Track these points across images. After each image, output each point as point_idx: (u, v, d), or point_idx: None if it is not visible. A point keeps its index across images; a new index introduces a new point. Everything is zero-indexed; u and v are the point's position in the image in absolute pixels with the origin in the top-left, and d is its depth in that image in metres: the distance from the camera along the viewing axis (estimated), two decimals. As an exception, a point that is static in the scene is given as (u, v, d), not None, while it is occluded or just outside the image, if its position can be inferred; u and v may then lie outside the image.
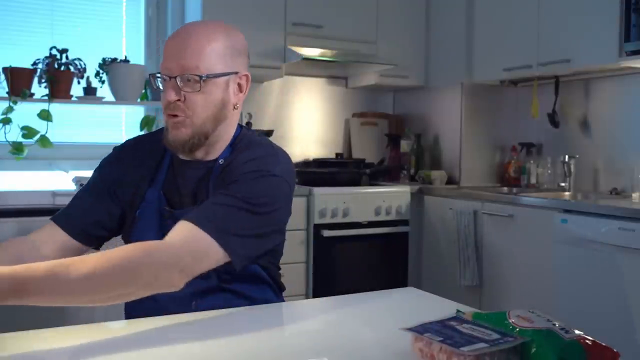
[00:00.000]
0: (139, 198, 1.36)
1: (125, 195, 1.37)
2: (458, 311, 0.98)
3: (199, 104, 1.27)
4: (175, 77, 1.26)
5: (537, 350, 0.84)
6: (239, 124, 1.42)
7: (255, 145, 1.37)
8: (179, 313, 1.17)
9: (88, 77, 3.06)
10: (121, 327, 1.13)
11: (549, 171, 3.41)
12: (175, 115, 1.28)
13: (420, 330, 0.90)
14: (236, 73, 1.32)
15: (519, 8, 3.21)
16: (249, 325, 1.14)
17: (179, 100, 1.26)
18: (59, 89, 2.93)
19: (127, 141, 1.49)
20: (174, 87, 1.26)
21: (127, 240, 1.37)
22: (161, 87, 1.30)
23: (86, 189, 1.41)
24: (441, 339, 0.86)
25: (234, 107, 1.34)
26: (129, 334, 1.10)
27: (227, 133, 1.36)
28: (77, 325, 1.11)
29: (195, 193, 1.34)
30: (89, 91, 3.07)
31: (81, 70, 3.01)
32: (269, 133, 3.47)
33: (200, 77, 1.25)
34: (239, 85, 1.34)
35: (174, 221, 1.19)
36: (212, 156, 1.36)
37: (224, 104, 1.31)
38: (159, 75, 1.29)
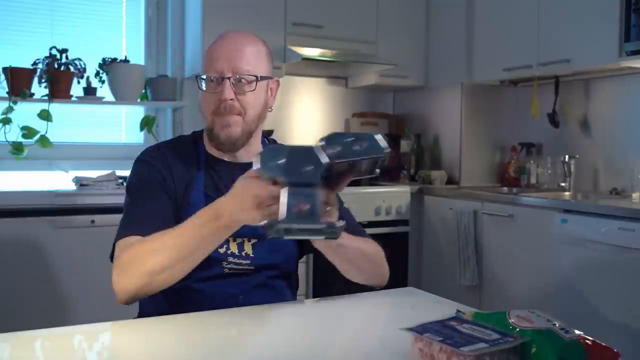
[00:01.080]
0: (185, 202, 1.35)
1: (171, 198, 1.35)
2: (458, 311, 0.98)
3: (251, 103, 1.35)
4: (229, 78, 1.32)
5: (537, 351, 0.84)
6: None
7: None
8: (224, 308, 1.23)
9: (88, 77, 3.06)
10: (125, 327, 1.13)
11: (549, 171, 3.41)
12: (227, 115, 1.34)
13: (420, 330, 0.90)
14: (271, 78, 1.42)
15: (519, 8, 3.21)
16: (248, 325, 1.15)
17: (232, 99, 1.33)
18: (59, 89, 2.93)
19: (147, 150, 1.44)
20: (228, 87, 1.32)
21: None
22: (204, 88, 1.35)
23: (142, 195, 1.35)
24: (441, 339, 0.86)
25: (270, 109, 1.45)
26: (132, 334, 1.10)
27: (259, 133, 1.46)
28: (77, 326, 1.11)
29: None
30: (89, 91, 3.07)
31: (81, 70, 3.01)
32: (269, 133, 3.47)
33: (256, 77, 1.34)
34: (271, 89, 1.44)
35: None
36: (251, 157, 1.37)
37: (266, 104, 1.41)
38: (204, 77, 1.35)
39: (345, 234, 1.20)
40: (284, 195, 0.97)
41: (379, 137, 1.02)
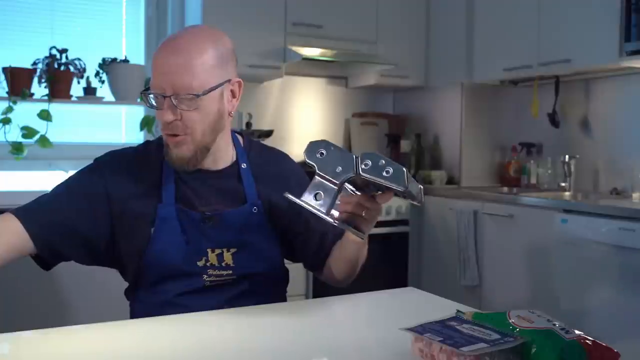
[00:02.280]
0: (149, 216, 1.29)
1: (115, 211, 1.30)
2: (458, 311, 0.98)
3: (196, 120, 1.24)
4: (169, 97, 1.21)
5: (538, 351, 0.84)
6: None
7: (268, 148, 1.51)
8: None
9: (88, 77, 3.06)
10: (124, 327, 1.13)
11: (549, 171, 3.41)
12: (175, 135, 1.25)
13: (420, 330, 0.90)
14: (229, 81, 1.29)
15: (519, 8, 3.21)
16: (248, 325, 1.14)
17: (176, 119, 1.23)
18: (58, 89, 2.93)
19: (110, 154, 1.39)
20: (169, 107, 1.22)
21: (139, 253, 1.30)
22: (154, 104, 1.25)
23: (61, 191, 1.32)
24: (441, 339, 0.86)
25: (230, 115, 1.33)
26: (130, 334, 1.10)
27: (225, 139, 1.36)
28: (77, 326, 1.11)
29: (224, 200, 1.34)
30: (89, 91, 3.06)
31: (81, 70, 3.01)
32: (269, 133, 3.46)
33: (197, 95, 1.22)
34: (232, 92, 1.32)
35: (216, 224, 1.29)
36: (223, 163, 1.37)
37: (221, 114, 1.29)
38: (150, 93, 1.24)
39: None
40: (312, 182, 1.13)
41: (406, 174, 1.07)
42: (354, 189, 1.19)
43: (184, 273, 1.29)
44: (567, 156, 3.25)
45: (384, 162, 1.08)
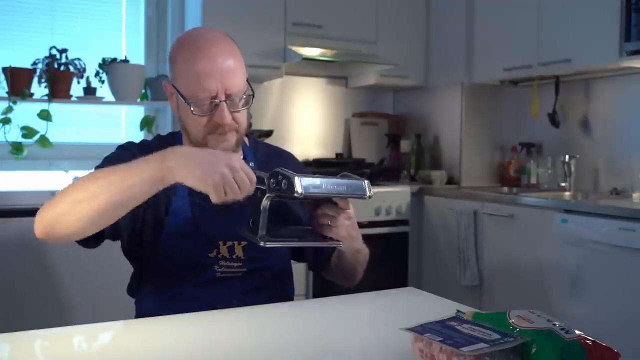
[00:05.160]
0: (167, 208, 1.32)
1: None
2: (458, 311, 0.98)
3: (243, 120, 1.33)
4: (225, 101, 1.27)
5: (537, 351, 0.84)
6: None
7: (274, 147, 1.58)
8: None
9: (88, 77, 3.06)
10: (125, 327, 1.13)
11: (549, 171, 3.41)
12: (223, 134, 1.29)
13: (420, 330, 0.90)
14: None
15: (519, 8, 3.21)
16: (249, 325, 1.14)
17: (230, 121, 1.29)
18: (58, 89, 2.93)
19: (135, 142, 1.43)
20: (227, 111, 1.27)
21: (153, 244, 1.32)
22: (195, 113, 1.28)
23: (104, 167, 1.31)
24: (441, 339, 0.86)
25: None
26: (131, 334, 1.10)
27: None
28: (77, 326, 1.11)
29: None
30: (89, 91, 3.06)
31: (81, 70, 3.01)
32: (269, 133, 3.46)
33: (251, 95, 1.31)
34: None
35: (228, 216, 1.30)
36: None
37: (250, 115, 1.37)
38: (191, 101, 1.27)
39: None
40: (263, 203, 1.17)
41: (293, 180, 1.11)
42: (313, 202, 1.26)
43: (196, 264, 1.31)
44: (567, 156, 3.25)
45: (282, 176, 1.13)
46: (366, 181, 1.20)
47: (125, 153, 1.33)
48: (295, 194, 1.10)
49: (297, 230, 1.35)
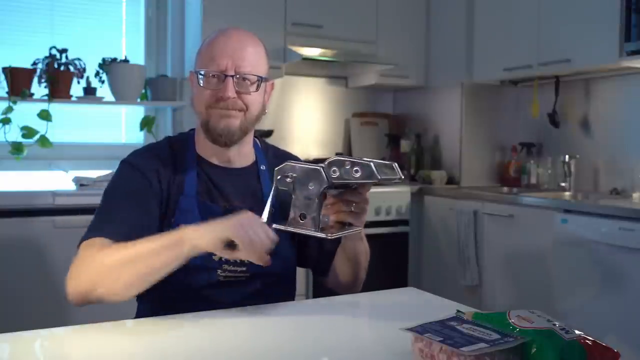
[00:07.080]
0: (175, 207, 1.32)
1: (158, 203, 1.32)
2: (458, 311, 0.98)
3: (253, 103, 1.34)
4: (232, 76, 1.30)
5: (537, 351, 0.84)
6: None
7: (282, 151, 1.58)
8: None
9: (88, 77, 3.06)
10: (125, 327, 1.13)
11: (549, 171, 3.41)
12: (228, 110, 1.32)
13: (420, 330, 0.90)
14: (269, 80, 1.41)
15: (519, 8, 3.21)
16: (249, 325, 1.14)
17: (234, 97, 1.31)
18: (58, 89, 2.93)
19: (138, 151, 1.41)
20: (231, 85, 1.30)
21: None
22: (202, 84, 1.32)
23: (120, 199, 1.31)
24: (441, 339, 0.86)
25: (265, 112, 1.43)
26: (131, 334, 1.10)
27: (251, 136, 1.45)
28: (77, 326, 1.11)
29: (243, 197, 1.38)
30: (89, 91, 3.07)
31: (81, 70, 3.01)
32: (269, 133, 3.47)
33: (260, 78, 1.33)
34: (267, 92, 1.42)
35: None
36: (245, 161, 1.43)
37: (264, 106, 1.40)
38: (202, 72, 1.32)
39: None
40: (293, 204, 1.18)
41: (374, 166, 1.14)
42: (335, 192, 1.25)
43: (199, 266, 1.29)
44: (567, 156, 3.25)
45: (349, 164, 1.14)
46: (395, 163, 1.21)
47: (135, 174, 1.32)
48: (396, 180, 1.17)
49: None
